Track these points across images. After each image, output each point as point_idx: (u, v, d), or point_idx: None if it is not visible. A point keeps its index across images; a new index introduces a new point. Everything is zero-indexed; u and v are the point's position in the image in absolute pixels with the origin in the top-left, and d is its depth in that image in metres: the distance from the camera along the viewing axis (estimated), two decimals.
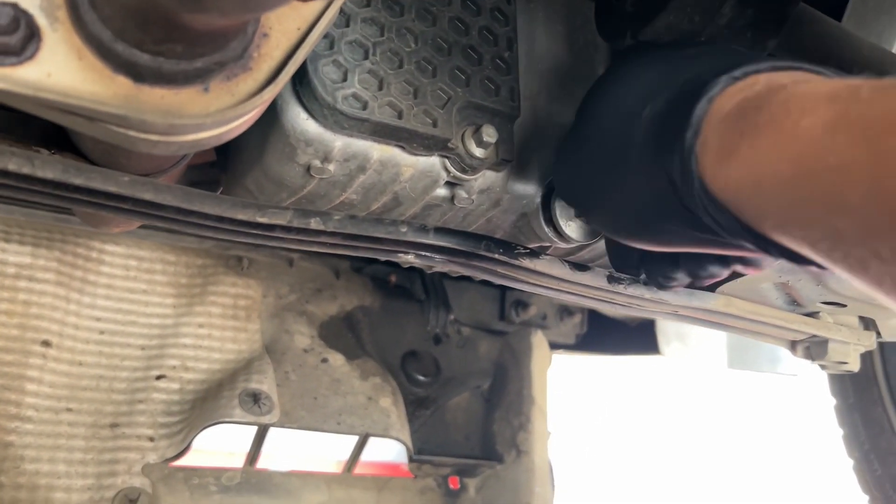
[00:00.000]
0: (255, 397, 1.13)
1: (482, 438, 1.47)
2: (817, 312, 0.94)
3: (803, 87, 0.45)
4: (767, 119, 0.44)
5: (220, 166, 0.87)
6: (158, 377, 1.17)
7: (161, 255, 1.25)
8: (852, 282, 0.40)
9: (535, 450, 1.43)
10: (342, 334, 1.33)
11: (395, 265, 1.39)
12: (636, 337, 1.64)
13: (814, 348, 0.95)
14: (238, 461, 1.20)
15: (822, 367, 0.96)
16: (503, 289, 1.60)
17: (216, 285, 1.27)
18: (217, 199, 0.61)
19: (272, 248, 0.79)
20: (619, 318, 1.68)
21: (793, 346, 0.97)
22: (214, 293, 1.27)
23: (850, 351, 0.94)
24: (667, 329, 1.62)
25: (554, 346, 1.66)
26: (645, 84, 0.59)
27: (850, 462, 1.52)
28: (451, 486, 1.41)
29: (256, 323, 1.27)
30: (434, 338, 1.47)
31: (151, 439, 1.12)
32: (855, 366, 0.96)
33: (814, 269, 0.45)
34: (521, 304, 1.61)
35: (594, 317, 1.72)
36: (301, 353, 1.27)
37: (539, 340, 1.53)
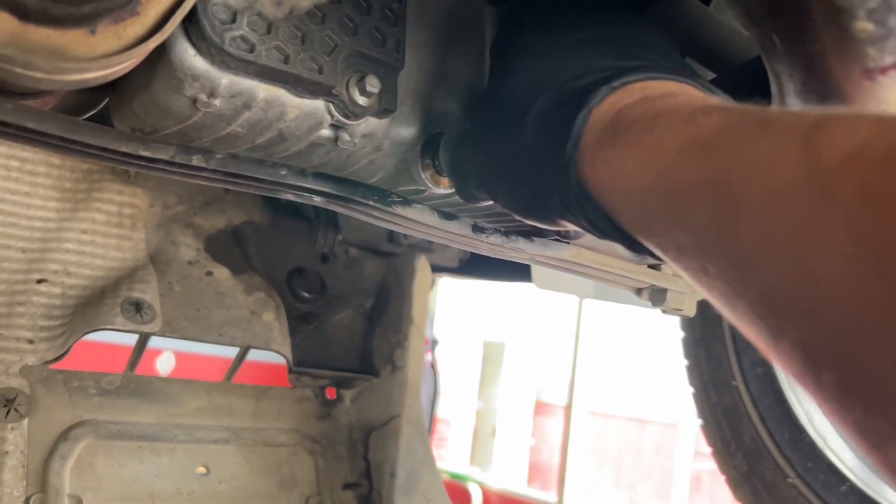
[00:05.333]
0: (138, 306, 1.16)
1: (361, 353, 1.56)
2: (660, 264, 1.05)
3: (671, 103, 0.49)
4: (637, 134, 0.49)
5: (110, 84, 0.87)
6: (39, 281, 1.18)
7: (45, 157, 1.23)
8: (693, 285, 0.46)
9: (409, 365, 1.52)
10: (229, 249, 1.36)
11: None
12: (513, 265, 1.73)
13: (654, 295, 1.07)
14: (118, 366, 1.23)
15: (663, 311, 1.08)
16: None
17: (102, 192, 1.27)
18: (101, 130, 0.63)
19: None
20: None
21: (638, 291, 1.08)
22: (100, 200, 1.26)
23: (686, 299, 1.06)
24: None
25: (437, 269, 1.75)
26: (533, 76, 0.63)
27: (691, 390, 1.70)
28: (328, 396, 1.49)
29: (141, 232, 1.28)
30: (321, 256, 1.52)
31: (31, 342, 1.14)
32: (690, 311, 1.08)
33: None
34: None
35: None
36: (186, 265, 1.30)
37: (422, 264, 1.61)
